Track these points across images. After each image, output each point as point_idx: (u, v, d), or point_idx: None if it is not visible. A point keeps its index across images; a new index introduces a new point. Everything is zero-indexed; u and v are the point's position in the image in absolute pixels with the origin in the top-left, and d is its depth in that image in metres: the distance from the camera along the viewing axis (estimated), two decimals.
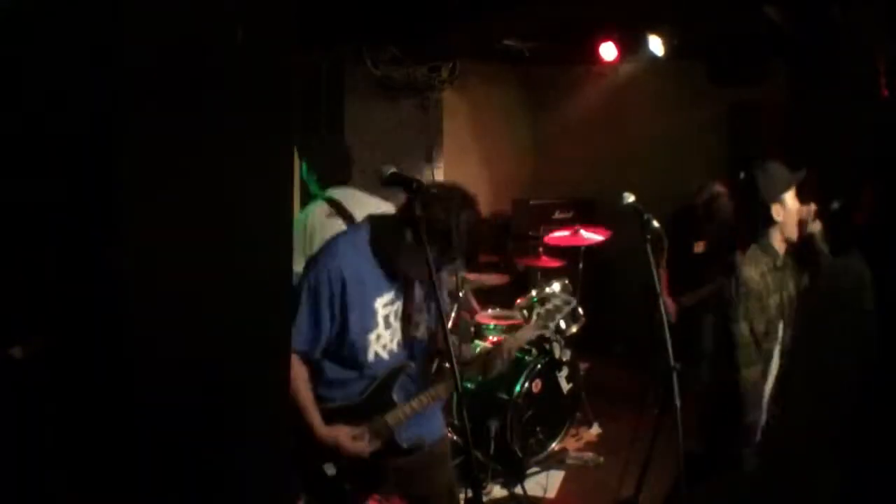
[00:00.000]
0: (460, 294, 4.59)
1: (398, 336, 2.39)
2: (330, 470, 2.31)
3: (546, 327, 2.60)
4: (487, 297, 5.10)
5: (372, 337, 2.31)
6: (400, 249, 2.26)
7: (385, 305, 2.34)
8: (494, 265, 5.60)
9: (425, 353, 2.51)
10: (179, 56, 1.26)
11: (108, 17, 1.21)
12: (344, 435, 2.27)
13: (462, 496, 3.69)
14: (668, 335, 3.00)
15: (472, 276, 4.80)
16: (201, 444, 1.38)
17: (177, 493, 1.35)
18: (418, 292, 2.43)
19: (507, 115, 7.09)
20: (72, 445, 1.28)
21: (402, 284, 2.37)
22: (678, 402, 2.85)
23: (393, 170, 2.18)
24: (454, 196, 2.26)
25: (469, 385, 4.21)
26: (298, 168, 3.48)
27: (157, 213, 1.27)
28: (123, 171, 1.23)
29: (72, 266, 1.27)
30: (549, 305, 2.58)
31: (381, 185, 2.26)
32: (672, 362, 2.97)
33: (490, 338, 4.56)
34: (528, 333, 2.66)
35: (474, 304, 4.95)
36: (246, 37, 1.32)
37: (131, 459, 1.29)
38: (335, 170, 3.48)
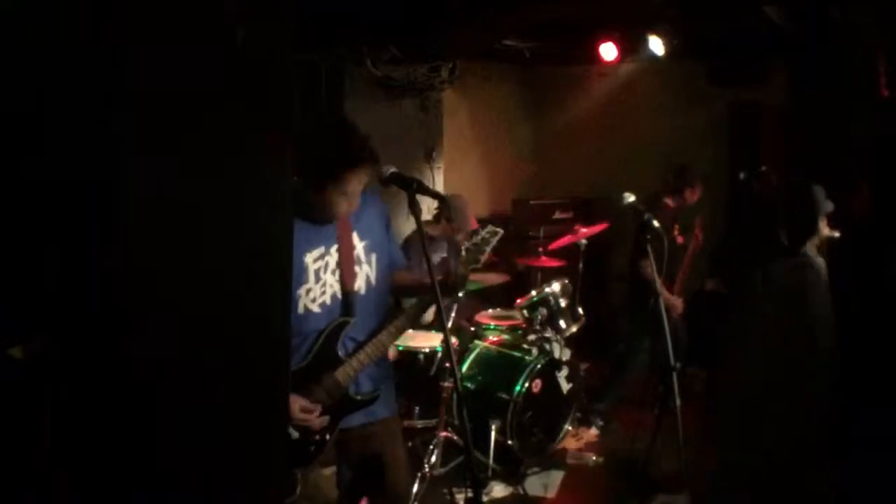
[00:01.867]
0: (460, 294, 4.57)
1: (333, 289, 2.42)
2: (294, 434, 2.34)
3: (477, 261, 2.44)
4: (487, 297, 5.10)
5: (301, 291, 2.36)
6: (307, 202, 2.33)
7: (315, 260, 2.38)
8: (494, 265, 5.59)
9: (372, 304, 2.51)
10: (179, 56, 1.26)
11: (107, 17, 1.21)
12: (296, 406, 2.30)
13: (462, 496, 3.70)
14: (668, 335, 3.00)
15: (472, 277, 4.78)
16: (202, 444, 1.38)
17: (177, 491, 1.35)
18: (358, 243, 2.46)
19: (507, 115, 7.08)
20: (72, 446, 1.28)
21: (335, 238, 2.41)
22: (678, 402, 2.86)
23: (393, 170, 2.23)
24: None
25: (469, 385, 4.21)
26: None
27: (157, 213, 1.27)
28: (123, 170, 1.23)
29: (72, 266, 1.27)
30: (476, 239, 2.42)
31: (380, 185, 2.28)
32: (672, 362, 2.98)
33: (490, 338, 4.56)
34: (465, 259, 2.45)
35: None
36: (246, 37, 1.32)
37: (131, 459, 1.29)
38: None
